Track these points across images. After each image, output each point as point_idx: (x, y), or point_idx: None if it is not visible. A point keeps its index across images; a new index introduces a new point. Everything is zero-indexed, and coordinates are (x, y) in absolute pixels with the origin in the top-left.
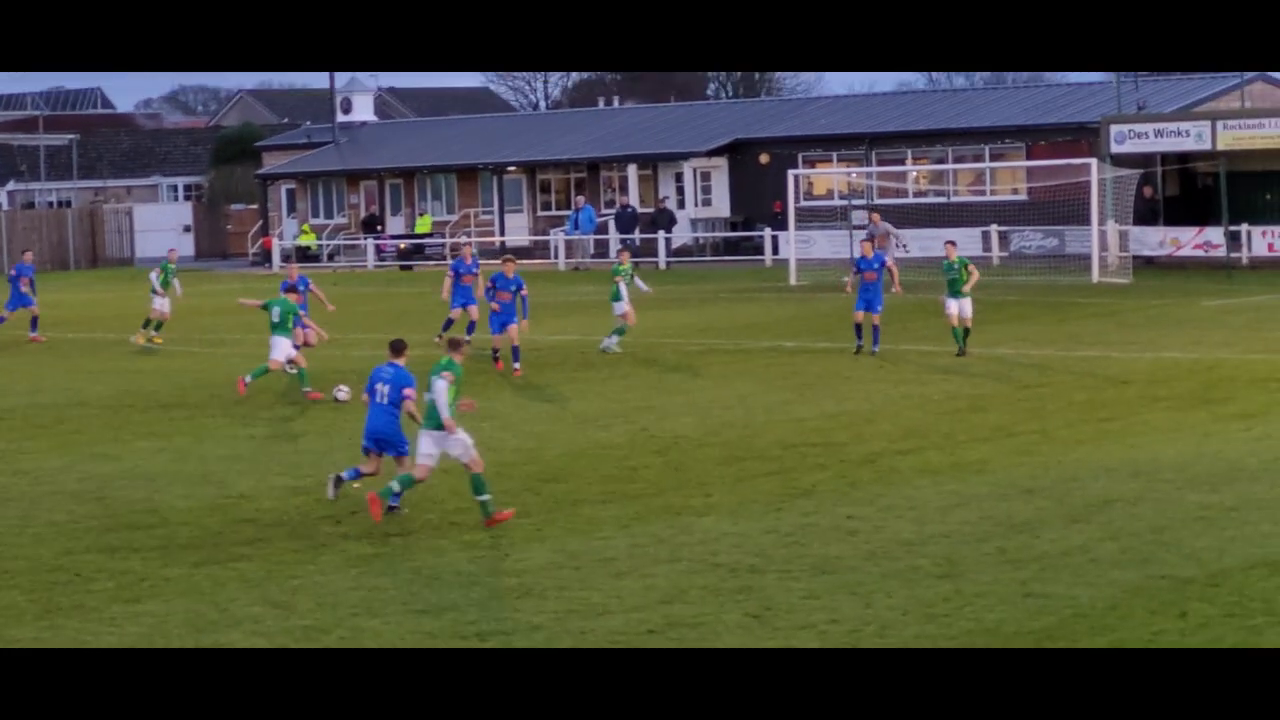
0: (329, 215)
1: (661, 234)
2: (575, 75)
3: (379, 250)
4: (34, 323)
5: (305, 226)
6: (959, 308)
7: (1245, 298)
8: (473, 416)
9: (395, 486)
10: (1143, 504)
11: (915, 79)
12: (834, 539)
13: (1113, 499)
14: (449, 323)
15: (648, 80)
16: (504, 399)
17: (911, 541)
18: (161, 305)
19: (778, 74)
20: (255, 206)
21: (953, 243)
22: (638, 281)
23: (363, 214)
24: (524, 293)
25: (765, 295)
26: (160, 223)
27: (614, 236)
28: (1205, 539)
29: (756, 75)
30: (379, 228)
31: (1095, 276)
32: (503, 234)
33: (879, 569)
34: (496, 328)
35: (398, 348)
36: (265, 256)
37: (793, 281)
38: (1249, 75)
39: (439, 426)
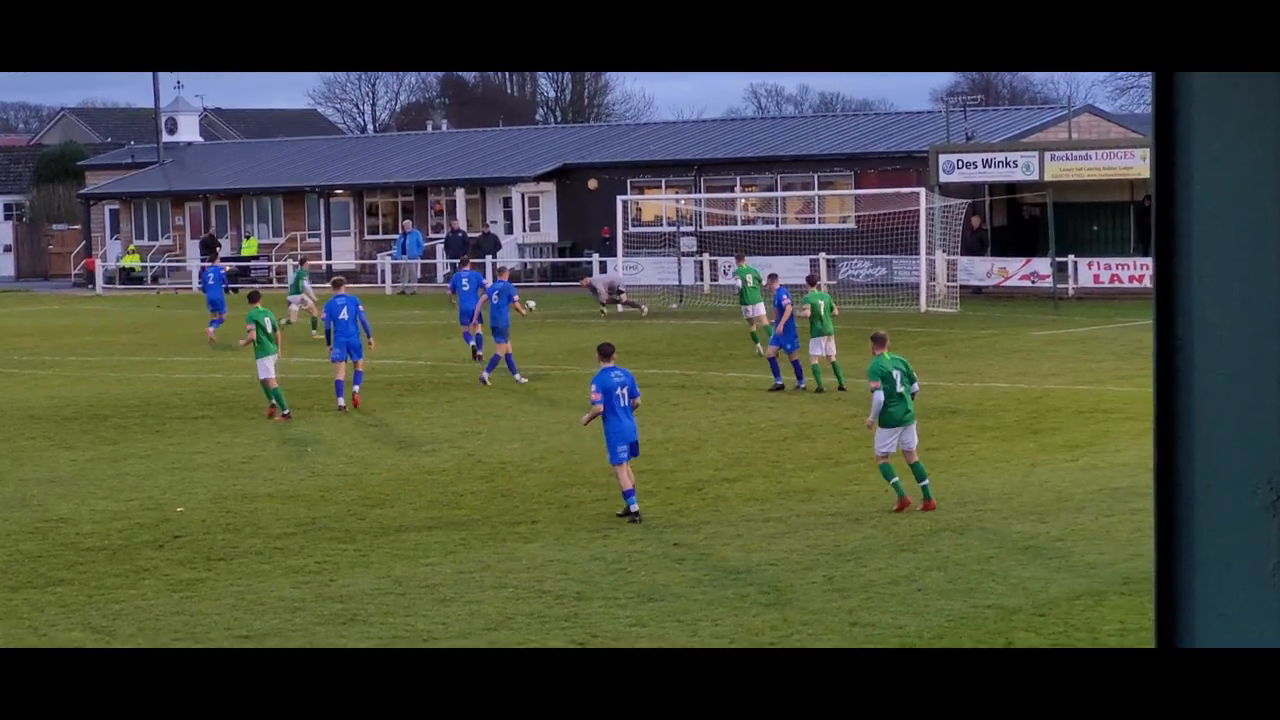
0: (154, 237)
1: (489, 258)
2: (403, 98)
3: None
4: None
5: (131, 247)
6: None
7: (1071, 328)
8: (297, 441)
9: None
10: (969, 533)
11: (745, 106)
12: (661, 566)
13: (940, 528)
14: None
15: (475, 104)
16: (327, 423)
17: (739, 569)
18: (298, 306)
19: (608, 100)
20: (78, 227)
21: (811, 277)
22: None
23: (189, 235)
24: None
25: (592, 321)
26: None
27: (442, 261)
28: (1031, 569)
29: (586, 100)
30: (218, 248)
31: (923, 306)
32: (330, 257)
33: (706, 596)
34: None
35: (607, 351)
36: (88, 277)
37: (620, 308)
38: (1076, 106)
39: (896, 424)
